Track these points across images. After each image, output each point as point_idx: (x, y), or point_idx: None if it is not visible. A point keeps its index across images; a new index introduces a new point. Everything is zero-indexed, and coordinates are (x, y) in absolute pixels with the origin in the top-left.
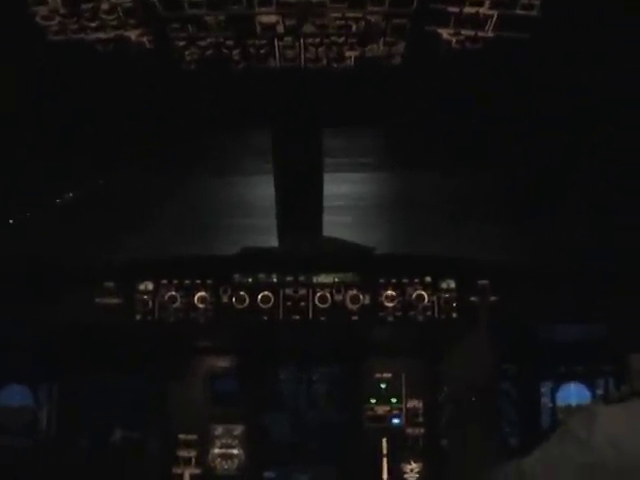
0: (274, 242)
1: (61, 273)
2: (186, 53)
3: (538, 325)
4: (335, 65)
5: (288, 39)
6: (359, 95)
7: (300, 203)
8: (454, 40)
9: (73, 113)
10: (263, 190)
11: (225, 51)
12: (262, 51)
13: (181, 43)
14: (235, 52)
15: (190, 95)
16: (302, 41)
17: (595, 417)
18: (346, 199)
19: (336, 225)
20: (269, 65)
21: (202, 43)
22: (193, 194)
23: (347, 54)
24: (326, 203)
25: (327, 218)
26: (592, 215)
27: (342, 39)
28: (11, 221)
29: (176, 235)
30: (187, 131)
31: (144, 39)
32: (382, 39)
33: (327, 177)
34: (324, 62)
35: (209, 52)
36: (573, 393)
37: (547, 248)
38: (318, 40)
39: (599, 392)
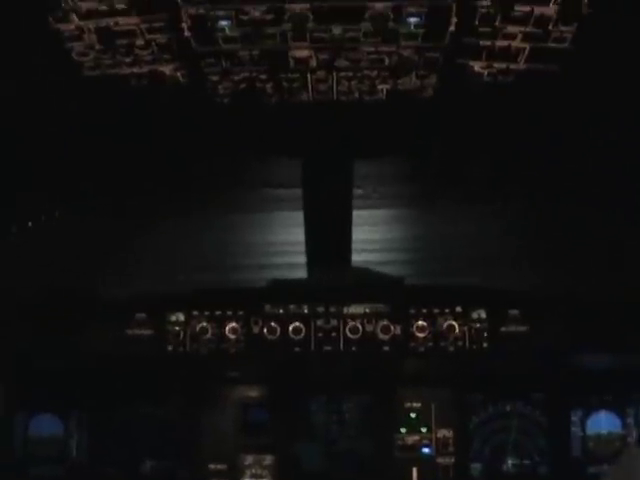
0: (303, 275)
1: (93, 304)
2: (219, 87)
3: (568, 354)
4: (367, 98)
5: (321, 73)
6: (390, 127)
7: (330, 234)
8: (486, 72)
9: (106, 145)
10: (294, 225)
11: (258, 85)
12: (295, 85)
13: (215, 77)
14: (268, 86)
15: (223, 128)
16: (335, 74)
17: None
18: (375, 234)
19: (365, 261)
20: (302, 98)
21: (236, 77)
22: (223, 231)
23: (379, 87)
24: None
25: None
26: (623, 244)
27: (374, 72)
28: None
29: (206, 271)
30: (219, 165)
31: (178, 74)
32: (414, 72)
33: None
34: (356, 95)
35: (242, 86)
36: (603, 421)
37: (577, 277)
38: (351, 74)
39: (629, 420)
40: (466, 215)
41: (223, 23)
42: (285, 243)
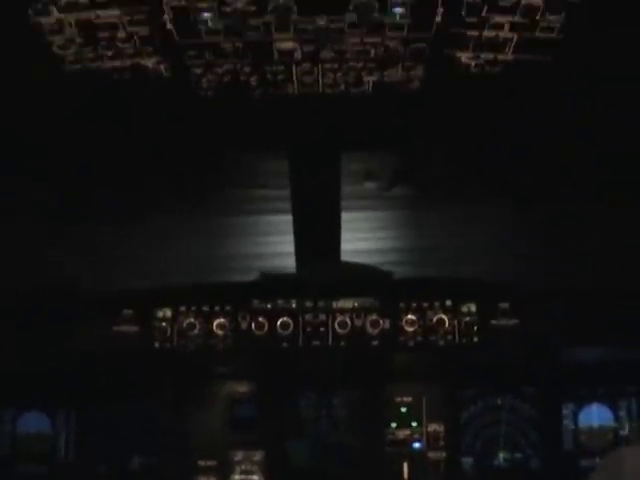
0: (292, 268)
1: (79, 301)
2: (203, 80)
3: (560, 347)
4: (353, 90)
5: (306, 65)
6: (377, 119)
7: (318, 228)
8: (473, 63)
9: (89, 140)
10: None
11: (242, 78)
12: (280, 77)
13: (198, 70)
14: (252, 78)
15: (207, 122)
16: (320, 67)
17: (623, 460)
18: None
19: (354, 251)
20: (287, 91)
21: (219, 70)
22: (210, 222)
23: (365, 79)
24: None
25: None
26: (614, 236)
27: (360, 64)
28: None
29: (193, 263)
30: (204, 158)
31: (161, 67)
32: (401, 64)
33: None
34: (342, 87)
35: (226, 79)
36: (595, 415)
37: (568, 270)
38: (336, 65)
39: (621, 413)
40: (455, 209)
41: (205, 15)
42: (273, 239)
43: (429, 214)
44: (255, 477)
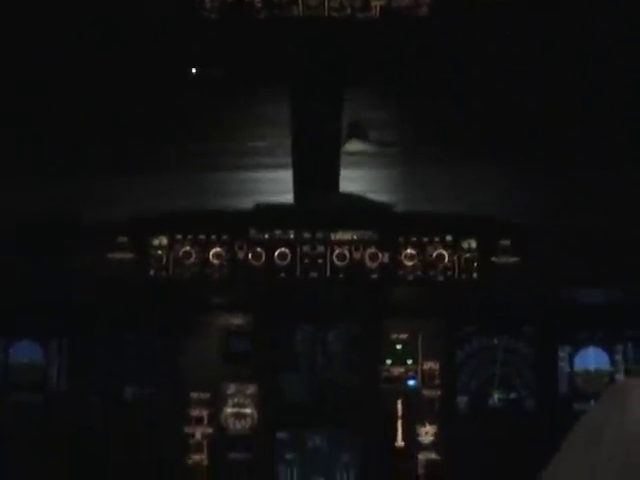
0: (290, 200)
1: (74, 228)
2: (207, 1)
3: (559, 288)
4: (360, 15)
5: None
6: (384, 47)
7: (317, 159)
8: None
9: (90, 64)
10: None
11: None
12: None
13: None
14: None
15: (210, 44)
16: None
17: (627, 390)
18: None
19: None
20: (292, 14)
21: None
22: (208, 156)
23: (372, 3)
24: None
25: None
26: (616, 177)
27: None
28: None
29: (190, 189)
30: (205, 82)
31: None
32: None
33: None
34: (348, 11)
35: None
36: (592, 358)
37: (570, 210)
38: None
39: (617, 357)
40: (458, 146)
41: None
42: (272, 167)
43: (431, 149)
44: (248, 410)
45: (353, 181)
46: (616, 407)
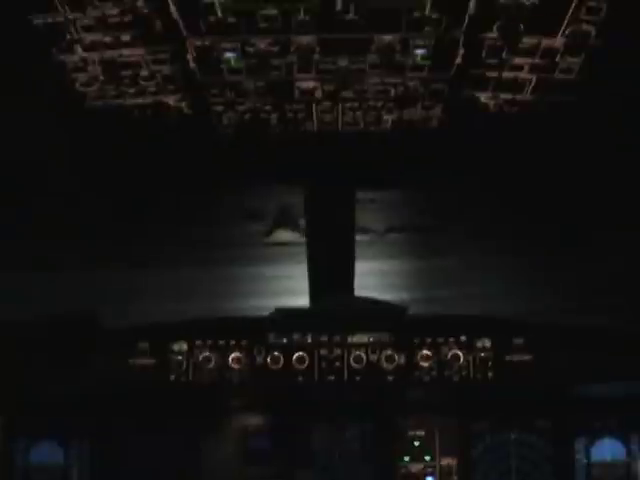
0: (306, 304)
1: (95, 334)
2: (224, 117)
3: (573, 382)
4: (372, 128)
5: (326, 104)
6: (395, 157)
7: (333, 263)
8: (492, 103)
9: (109, 178)
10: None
11: (263, 115)
12: (300, 115)
13: (219, 108)
14: (273, 116)
15: (227, 158)
16: (340, 105)
17: None
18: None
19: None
20: (307, 128)
21: (240, 108)
22: (226, 263)
23: (384, 117)
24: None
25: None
26: (628, 274)
27: (380, 103)
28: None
29: (210, 301)
30: (222, 195)
31: (182, 104)
32: (420, 103)
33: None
34: (361, 125)
35: (247, 116)
36: (607, 449)
37: (581, 306)
38: (356, 104)
39: (634, 448)
40: (471, 248)
41: (229, 55)
42: (288, 275)
43: (444, 251)
44: None
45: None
46: None
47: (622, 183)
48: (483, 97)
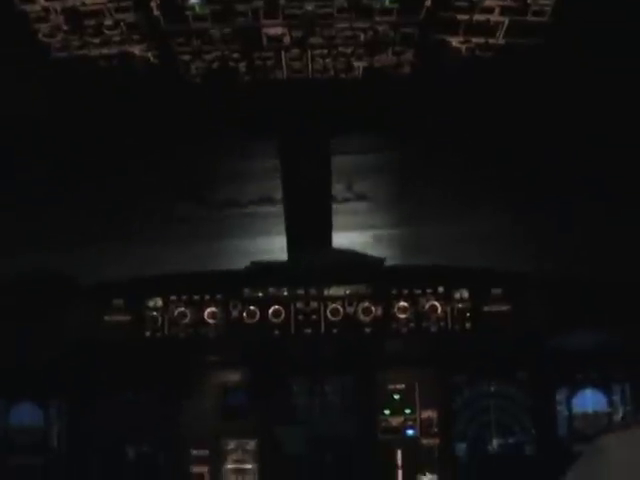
0: (282, 257)
1: (69, 290)
2: (192, 67)
3: (553, 333)
4: (343, 75)
5: (295, 51)
6: (368, 105)
7: (309, 216)
8: (464, 48)
9: (75, 130)
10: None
11: (231, 64)
12: (269, 63)
13: (186, 57)
14: (241, 64)
15: (196, 108)
16: (309, 52)
17: (609, 449)
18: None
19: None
20: (276, 77)
21: (207, 56)
22: (200, 218)
23: (355, 64)
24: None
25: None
26: (606, 223)
27: (350, 49)
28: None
29: (184, 257)
30: (192, 147)
31: (148, 54)
32: (391, 48)
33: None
34: (332, 73)
35: (215, 65)
36: (589, 400)
37: (560, 256)
38: (325, 51)
39: (615, 399)
40: (447, 198)
41: (193, 1)
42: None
43: (420, 203)
44: (248, 466)
45: (344, 237)
46: (597, 470)
47: (595, 128)
48: (455, 41)
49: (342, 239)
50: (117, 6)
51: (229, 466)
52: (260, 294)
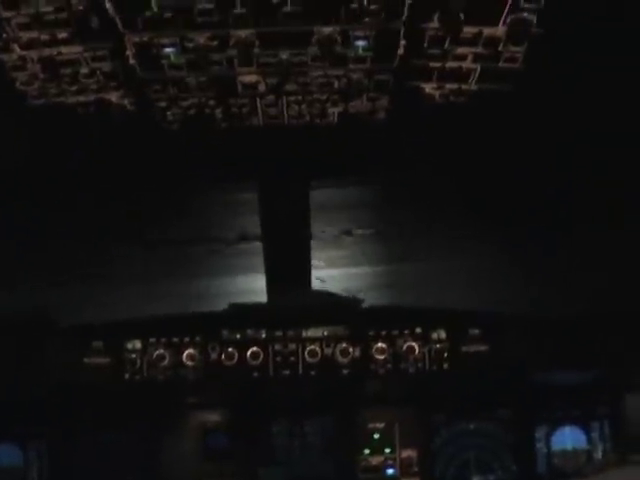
0: (261, 299)
1: (49, 332)
2: (168, 114)
3: (530, 371)
4: (318, 121)
5: (270, 97)
6: (344, 149)
7: (288, 257)
8: (437, 94)
9: (53, 175)
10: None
11: (207, 110)
12: (245, 110)
13: (162, 104)
14: (218, 111)
15: (173, 155)
16: (284, 99)
17: None
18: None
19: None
20: (252, 123)
21: (184, 103)
22: (180, 260)
23: (330, 110)
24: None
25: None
26: (582, 262)
27: (324, 96)
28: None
29: (163, 299)
30: (171, 192)
31: (125, 101)
32: (365, 95)
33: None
34: (307, 118)
35: (191, 112)
36: (568, 437)
37: (536, 295)
38: (300, 97)
39: (594, 435)
40: (424, 239)
41: (168, 50)
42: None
43: (398, 245)
44: None
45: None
46: None
47: (568, 172)
48: (428, 87)
49: (322, 274)
50: (93, 55)
51: None
52: (238, 336)
